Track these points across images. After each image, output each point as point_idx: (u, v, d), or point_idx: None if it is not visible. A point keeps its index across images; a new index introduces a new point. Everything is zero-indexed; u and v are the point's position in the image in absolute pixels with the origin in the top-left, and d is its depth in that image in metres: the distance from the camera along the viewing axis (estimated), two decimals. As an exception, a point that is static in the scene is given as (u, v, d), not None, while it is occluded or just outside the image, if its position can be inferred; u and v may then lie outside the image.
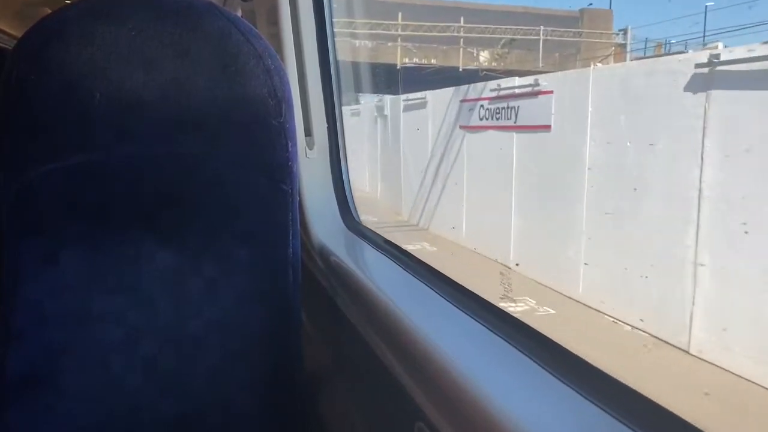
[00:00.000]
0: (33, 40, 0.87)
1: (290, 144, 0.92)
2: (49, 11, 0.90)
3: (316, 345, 1.11)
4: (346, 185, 1.25)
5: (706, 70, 4.22)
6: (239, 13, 1.41)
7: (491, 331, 0.70)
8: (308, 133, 1.22)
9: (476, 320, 0.73)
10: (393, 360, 0.77)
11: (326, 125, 1.24)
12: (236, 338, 0.92)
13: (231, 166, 0.91)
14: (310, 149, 1.22)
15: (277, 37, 1.20)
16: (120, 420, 0.88)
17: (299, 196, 0.98)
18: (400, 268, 0.99)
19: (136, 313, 0.89)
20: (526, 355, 0.64)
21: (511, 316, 0.73)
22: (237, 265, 0.92)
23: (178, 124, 0.89)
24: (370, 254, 1.13)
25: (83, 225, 0.89)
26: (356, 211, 1.25)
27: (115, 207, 0.89)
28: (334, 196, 1.23)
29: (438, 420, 0.64)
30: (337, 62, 1.25)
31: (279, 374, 0.94)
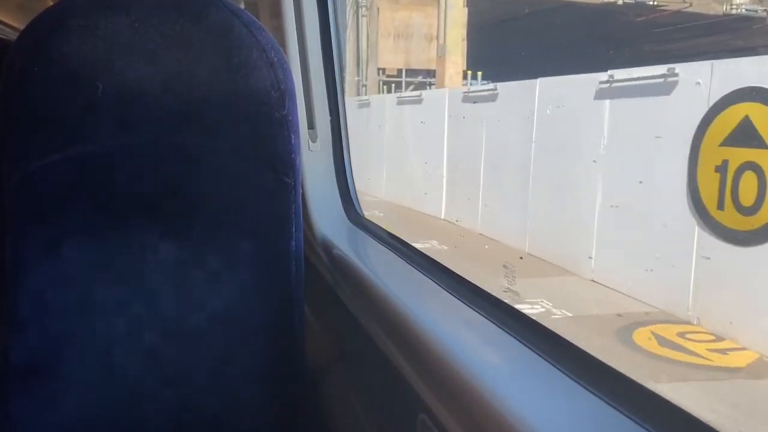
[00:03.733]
0: (35, 32, 0.87)
1: (293, 137, 0.92)
2: (51, 3, 0.90)
3: (318, 337, 1.11)
4: (348, 178, 1.25)
5: None
6: (242, 5, 1.40)
7: (493, 323, 0.70)
8: (311, 125, 1.22)
9: (479, 312, 0.73)
10: (395, 352, 0.77)
11: (329, 118, 1.24)
12: (238, 330, 0.92)
13: (233, 158, 0.91)
14: (313, 142, 1.22)
15: (280, 30, 1.19)
16: (122, 410, 0.89)
17: (302, 189, 0.98)
18: (403, 261, 0.99)
19: (138, 304, 0.89)
20: (528, 347, 0.64)
21: (514, 308, 0.73)
22: (239, 257, 0.92)
23: (181, 116, 0.89)
24: (373, 247, 1.13)
25: (85, 216, 0.89)
26: (359, 204, 1.24)
27: (118, 198, 0.90)
28: (336, 189, 1.23)
29: (441, 412, 0.64)
30: (340, 54, 1.25)
31: (281, 366, 0.94)
